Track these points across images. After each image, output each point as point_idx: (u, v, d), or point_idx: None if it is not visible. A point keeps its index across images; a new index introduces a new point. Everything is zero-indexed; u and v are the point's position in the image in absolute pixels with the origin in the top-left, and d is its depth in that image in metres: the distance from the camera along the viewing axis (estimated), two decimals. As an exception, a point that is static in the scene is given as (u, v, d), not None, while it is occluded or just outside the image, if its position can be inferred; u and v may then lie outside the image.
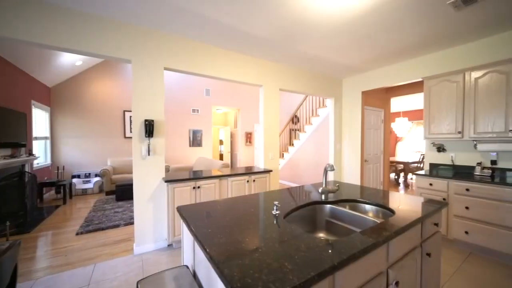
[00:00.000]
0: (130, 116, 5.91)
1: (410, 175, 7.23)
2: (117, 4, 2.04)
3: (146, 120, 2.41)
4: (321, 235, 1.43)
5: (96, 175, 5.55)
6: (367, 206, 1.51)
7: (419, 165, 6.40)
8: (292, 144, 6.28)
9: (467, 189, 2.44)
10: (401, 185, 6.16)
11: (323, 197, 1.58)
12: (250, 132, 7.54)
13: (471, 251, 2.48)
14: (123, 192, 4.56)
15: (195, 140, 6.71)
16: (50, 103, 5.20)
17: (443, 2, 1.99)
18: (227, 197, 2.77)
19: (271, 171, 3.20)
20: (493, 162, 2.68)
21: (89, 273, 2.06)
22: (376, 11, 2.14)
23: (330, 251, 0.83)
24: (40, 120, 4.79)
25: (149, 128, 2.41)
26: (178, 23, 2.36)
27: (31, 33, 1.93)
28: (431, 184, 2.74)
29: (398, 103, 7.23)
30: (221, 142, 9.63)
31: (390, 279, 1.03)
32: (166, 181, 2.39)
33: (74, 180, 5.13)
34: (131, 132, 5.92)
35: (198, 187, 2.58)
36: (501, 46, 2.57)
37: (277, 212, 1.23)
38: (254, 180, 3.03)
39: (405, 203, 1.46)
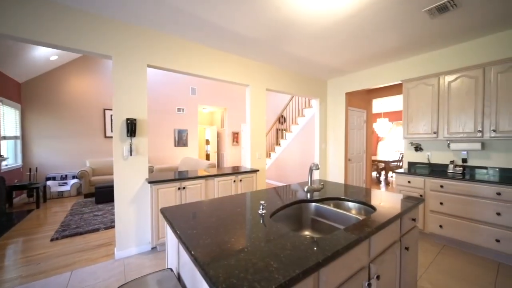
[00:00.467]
0: (111, 115, 5.66)
1: (390, 173, 7.57)
2: (95, -3, 1.94)
3: (128, 119, 2.32)
4: (307, 233, 1.46)
5: (73, 177, 5.24)
6: (351, 204, 1.56)
7: (398, 163, 6.72)
8: (279, 144, 6.33)
9: (441, 186, 2.60)
10: (382, 183, 6.43)
11: (308, 195, 1.60)
12: (237, 132, 7.51)
13: (445, 244, 2.64)
14: (103, 194, 4.35)
15: (181, 140, 6.56)
16: (21, 100, 4.84)
17: (420, 9, 2.10)
18: (213, 197, 2.73)
19: (257, 170, 3.20)
20: (464, 160, 2.88)
21: (65, 281, 1.94)
22: (359, 15, 2.21)
23: (315, 248, 0.84)
24: (9, 118, 4.44)
25: (131, 127, 2.31)
26: (164, 20, 2.29)
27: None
28: (409, 182, 2.89)
29: (379, 104, 7.55)
30: (207, 142, 9.50)
31: (372, 273, 1.07)
32: (149, 182, 2.31)
33: (49, 183, 4.81)
34: (112, 131, 5.67)
35: (184, 187, 2.52)
36: (471, 52, 2.77)
37: (264, 212, 1.23)
38: (241, 180, 3.02)
39: (385, 200, 1.52)
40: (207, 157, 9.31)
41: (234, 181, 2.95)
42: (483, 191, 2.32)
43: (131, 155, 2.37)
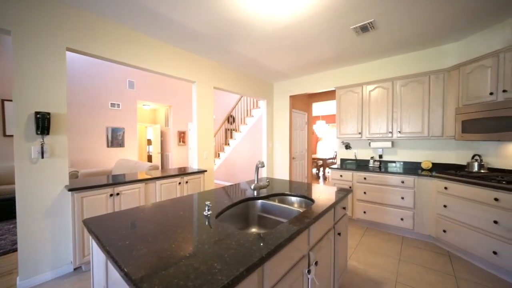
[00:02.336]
0: (14, 108, 4.43)
1: (327, 169, 8.57)
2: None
3: (37, 113, 1.85)
4: (254, 230, 1.48)
5: (-51, 190, 3.86)
6: (293, 198, 1.67)
7: (333, 160, 7.67)
8: (228, 144, 6.30)
9: (365, 178, 3.09)
10: (321, 178, 7.22)
11: (255, 193, 1.63)
12: (183, 131, 7.07)
13: (368, 227, 3.15)
14: None
15: (115, 139, 5.72)
16: None
17: (348, 26, 2.44)
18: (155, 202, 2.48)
19: (205, 171, 3.09)
20: (380, 156, 3.51)
21: None
22: (299, 25, 2.39)
23: (260, 244, 0.85)
24: None
25: (43, 123, 1.86)
26: (87, -4, 1.93)
27: None
28: (341, 176, 3.32)
29: (318, 108, 8.44)
30: (149, 142, 8.62)
31: (311, 260, 1.17)
32: (70, 190, 1.91)
33: None
34: (15, 128, 4.44)
35: (117, 193, 2.19)
36: (385, 67, 3.40)
37: (209, 213, 1.18)
38: (187, 182, 2.84)
39: (323, 193, 1.69)
40: (149, 158, 8.45)
41: (180, 183, 2.76)
42: (392, 181, 2.87)
43: (42, 157, 1.91)
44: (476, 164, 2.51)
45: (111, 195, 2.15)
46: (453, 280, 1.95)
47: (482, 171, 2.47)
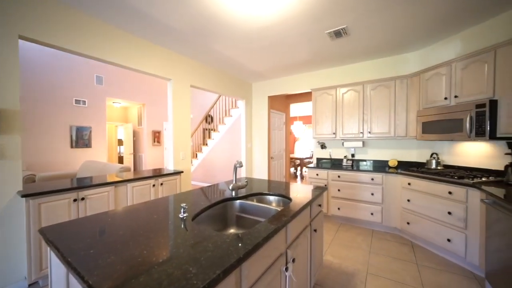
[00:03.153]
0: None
1: (304, 169, 8.84)
2: None
3: (-18, 109, 1.62)
4: (232, 230, 1.46)
5: None
6: (271, 197, 1.69)
7: (310, 160, 7.94)
8: (206, 144, 6.17)
9: (339, 176, 3.25)
10: (298, 177, 7.42)
11: (233, 193, 1.62)
12: (158, 130, 6.76)
13: (342, 222, 3.31)
14: None
15: (81, 139, 5.25)
16: None
17: (323, 30, 2.54)
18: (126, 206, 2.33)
19: (182, 172, 2.98)
20: (353, 155, 3.71)
21: None
22: (278, 27, 2.43)
23: (237, 244, 0.84)
24: None
25: (-10, 121, 1.64)
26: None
27: None
28: (317, 174, 3.45)
29: (295, 109, 8.66)
30: (120, 142, 8.08)
31: (289, 258, 1.19)
32: (24, 196, 1.71)
33: None
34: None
35: (82, 198, 2.01)
36: (357, 71, 3.60)
37: (185, 215, 1.14)
38: (161, 184, 2.71)
39: (300, 191, 1.74)
40: (120, 160, 7.93)
41: (154, 185, 2.63)
42: (363, 178, 3.05)
43: (-11, 159, 1.68)
44: (433, 161, 2.78)
45: (75, 200, 1.97)
46: (415, 267, 2.14)
47: (439, 167, 2.75)
